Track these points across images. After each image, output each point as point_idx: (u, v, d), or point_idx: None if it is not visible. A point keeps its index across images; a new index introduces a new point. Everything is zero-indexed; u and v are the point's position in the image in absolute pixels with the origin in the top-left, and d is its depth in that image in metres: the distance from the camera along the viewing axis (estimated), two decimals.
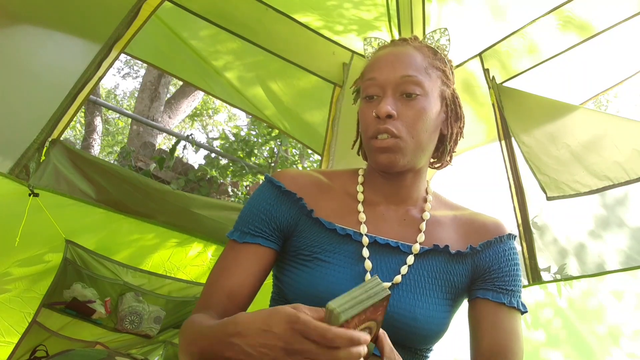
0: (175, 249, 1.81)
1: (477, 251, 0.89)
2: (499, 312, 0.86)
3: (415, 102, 0.85)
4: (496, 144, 1.94)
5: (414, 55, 0.89)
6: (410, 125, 0.85)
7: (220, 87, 2.34)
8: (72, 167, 1.70)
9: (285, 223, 0.89)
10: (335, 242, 0.86)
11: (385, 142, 0.84)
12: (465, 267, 0.89)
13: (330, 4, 2.10)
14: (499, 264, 0.89)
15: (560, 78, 2.02)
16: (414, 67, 0.86)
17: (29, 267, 1.57)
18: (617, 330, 1.51)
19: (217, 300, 0.84)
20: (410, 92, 0.85)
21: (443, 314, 0.85)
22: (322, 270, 0.84)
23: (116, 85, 15.75)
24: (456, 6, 2.01)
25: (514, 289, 0.88)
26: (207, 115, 10.35)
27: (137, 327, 1.69)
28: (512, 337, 0.85)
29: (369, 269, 0.83)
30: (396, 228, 0.89)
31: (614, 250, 3.90)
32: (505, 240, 0.91)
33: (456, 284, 0.88)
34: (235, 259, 0.87)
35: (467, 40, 2.04)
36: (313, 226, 0.88)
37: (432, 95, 0.88)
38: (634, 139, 1.55)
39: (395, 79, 0.86)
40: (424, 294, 0.84)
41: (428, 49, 0.93)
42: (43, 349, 1.58)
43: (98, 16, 1.65)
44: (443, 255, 0.88)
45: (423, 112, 0.86)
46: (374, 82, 0.87)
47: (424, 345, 0.85)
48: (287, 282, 0.87)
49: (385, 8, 2.06)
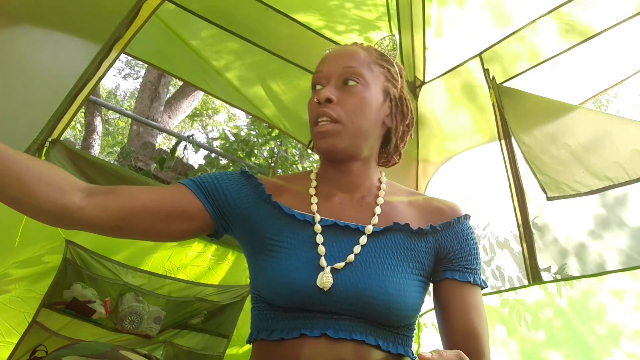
0: (175, 249, 1.81)
1: (438, 230, 0.92)
2: (467, 291, 0.90)
3: (355, 90, 0.91)
4: (496, 144, 1.94)
5: (358, 52, 0.96)
6: (349, 110, 0.90)
7: (221, 87, 2.33)
8: (72, 167, 1.69)
9: (236, 200, 0.92)
10: (292, 229, 0.89)
11: (324, 127, 0.89)
12: (428, 245, 0.91)
13: (331, 4, 2.10)
14: (460, 245, 0.93)
15: (560, 78, 2.02)
16: (356, 61, 0.94)
17: (29, 267, 1.57)
18: (617, 330, 1.51)
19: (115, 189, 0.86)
20: (350, 79, 0.92)
21: (415, 289, 0.87)
22: (281, 258, 0.86)
23: (117, 86, 15.75)
24: (456, 6, 2.01)
25: (476, 267, 0.93)
26: (207, 115, 10.36)
27: (137, 327, 1.69)
28: (482, 315, 0.90)
29: (322, 253, 0.85)
30: (353, 214, 0.92)
31: (614, 250, 3.91)
32: (463, 221, 0.95)
33: (422, 260, 0.90)
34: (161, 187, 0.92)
35: (467, 41, 2.04)
36: (272, 213, 0.91)
37: (374, 88, 0.93)
38: (634, 139, 1.55)
39: (338, 69, 0.93)
40: (391, 269, 0.86)
41: (375, 50, 1.00)
42: (43, 349, 1.58)
43: (98, 16, 1.65)
44: (405, 233, 0.90)
45: (362, 100, 0.91)
46: (320, 74, 0.95)
47: (400, 322, 0.86)
48: (257, 278, 0.89)
49: (386, 8, 2.06)
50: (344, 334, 0.81)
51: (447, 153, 2.29)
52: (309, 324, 0.82)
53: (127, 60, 10.15)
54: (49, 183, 0.79)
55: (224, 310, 1.84)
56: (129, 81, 18.41)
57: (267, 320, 0.87)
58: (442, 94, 2.21)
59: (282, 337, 0.83)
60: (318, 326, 0.82)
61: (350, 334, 0.81)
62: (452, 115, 2.22)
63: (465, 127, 2.21)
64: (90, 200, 0.82)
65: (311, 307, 0.83)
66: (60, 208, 0.79)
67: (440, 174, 2.30)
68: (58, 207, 0.79)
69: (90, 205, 0.82)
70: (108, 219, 0.83)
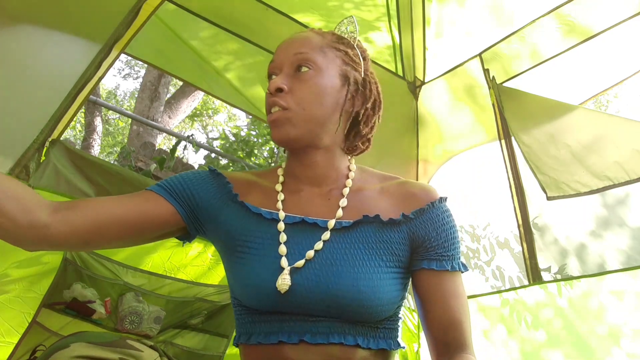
0: (175, 249, 1.81)
1: (411, 219, 0.88)
2: (445, 279, 0.86)
3: (306, 76, 0.87)
4: (496, 144, 1.94)
5: (311, 37, 0.92)
6: (300, 97, 0.86)
7: (220, 87, 2.34)
8: (72, 167, 1.69)
9: (205, 201, 0.90)
10: (261, 228, 0.87)
11: (275, 115, 0.86)
12: (402, 235, 0.87)
13: (331, 5, 2.10)
14: (436, 231, 0.88)
15: (560, 78, 2.02)
16: (307, 46, 0.90)
17: (28, 267, 1.57)
18: (617, 330, 1.51)
19: (78, 203, 0.83)
20: (301, 65, 0.88)
21: (390, 282, 0.84)
22: (247, 259, 0.85)
23: (117, 86, 15.77)
24: (456, 6, 2.01)
25: (455, 253, 0.89)
26: (207, 115, 10.36)
27: (137, 327, 1.69)
28: (462, 301, 0.87)
29: (283, 253, 0.83)
30: (319, 208, 0.89)
31: (615, 250, 3.91)
32: (438, 205, 0.90)
33: (396, 252, 0.86)
34: (127, 195, 0.87)
35: (467, 41, 2.04)
36: (240, 212, 0.89)
37: (328, 72, 0.89)
38: (634, 139, 1.55)
39: (289, 56, 0.89)
40: (363, 265, 0.82)
41: (331, 34, 0.95)
42: (43, 349, 1.58)
43: (98, 16, 1.65)
44: (376, 225, 0.86)
45: (314, 86, 0.87)
46: (273, 64, 0.92)
47: (377, 317, 0.83)
48: (232, 284, 0.88)
49: (386, 8, 2.06)
50: (321, 338, 0.79)
51: (447, 153, 2.29)
52: (285, 327, 0.81)
53: (127, 60, 10.15)
54: (16, 199, 0.76)
55: (224, 310, 1.84)
56: (129, 81, 18.43)
57: (246, 324, 0.86)
58: (442, 94, 2.21)
59: (259, 341, 0.82)
60: (295, 330, 0.80)
61: (327, 337, 0.79)
62: (452, 115, 2.22)
63: (465, 127, 2.21)
64: (55, 216, 0.79)
65: (282, 310, 0.81)
66: (25, 226, 0.76)
67: (440, 174, 2.30)
68: (24, 225, 0.76)
69: (56, 222, 0.78)
70: (75, 234, 0.80)
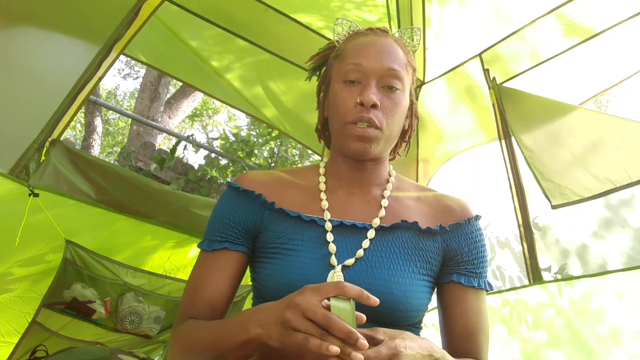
0: (175, 249, 1.81)
1: (447, 231, 0.90)
2: (470, 295, 0.89)
3: (395, 96, 0.88)
4: (496, 144, 1.94)
5: (398, 50, 0.92)
6: (388, 117, 0.87)
7: (220, 88, 2.33)
8: (72, 167, 1.69)
9: (249, 222, 0.91)
10: (300, 230, 0.88)
11: (365, 131, 0.86)
12: (437, 245, 0.90)
13: (332, 5, 2.10)
14: (469, 247, 0.91)
15: (560, 78, 2.02)
16: (398, 62, 0.89)
17: (29, 267, 1.57)
18: (618, 330, 1.51)
19: (198, 310, 0.88)
20: (392, 85, 0.88)
21: (421, 289, 0.86)
22: (290, 258, 0.85)
23: (117, 86, 15.76)
24: (456, 7, 2.01)
25: (483, 271, 0.92)
26: (207, 115, 10.36)
27: (137, 327, 1.69)
28: (482, 317, 0.89)
29: (333, 251, 0.85)
30: (360, 210, 0.91)
31: (617, 251, 3.90)
32: (473, 222, 0.93)
33: (430, 260, 0.88)
34: (208, 269, 0.91)
35: (467, 41, 2.04)
36: (278, 218, 0.90)
37: (406, 92, 0.91)
38: (635, 139, 1.55)
39: (382, 69, 0.88)
40: (398, 269, 0.84)
41: (404, 46, 0.95)
42: (43, 349, 1.58)
43: (98, 16, 1.65)
44: (413, 232, 0.89)
45: (399, 107, 0.89)
46: (358, 67, 0.88)
47: (405, 322, 0.85)
48: (261, 279, 0.89)
49: (386, 9, 2.06)
50: None
51: (447, 153, 2.29)
52: None
53: (127, 60, 10.14)
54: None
55: None
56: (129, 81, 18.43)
57: None
58: (442, 94, 2.21)
59: None
60: None
61: None
62: (453, 115, 2.22)
63: (466, 127, 2.21)
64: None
65: None
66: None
67: (440, 174, 2.30)
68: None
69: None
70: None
